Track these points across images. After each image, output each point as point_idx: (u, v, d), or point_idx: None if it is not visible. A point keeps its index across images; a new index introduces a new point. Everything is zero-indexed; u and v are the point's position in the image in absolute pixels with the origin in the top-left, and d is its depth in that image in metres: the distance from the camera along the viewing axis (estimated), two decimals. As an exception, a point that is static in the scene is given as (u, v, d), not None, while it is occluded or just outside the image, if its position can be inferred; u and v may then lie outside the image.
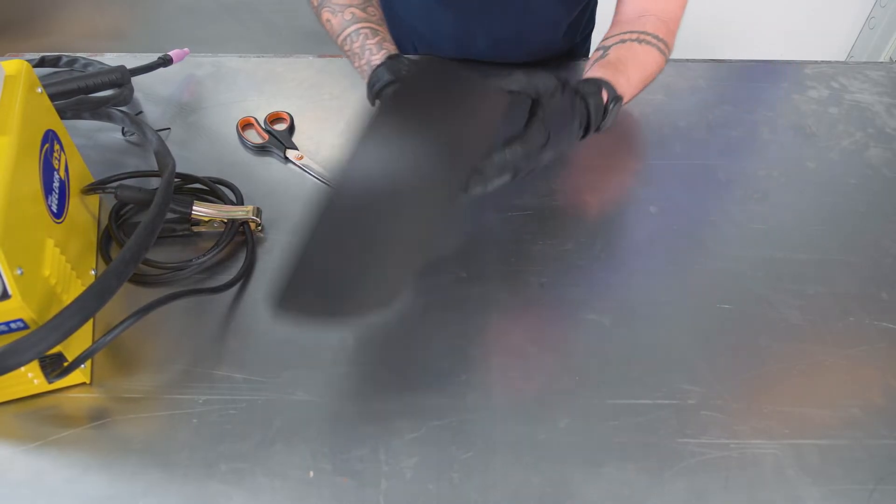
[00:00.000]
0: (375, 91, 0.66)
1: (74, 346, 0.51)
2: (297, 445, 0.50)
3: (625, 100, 0.65)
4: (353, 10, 0.71)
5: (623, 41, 0.69)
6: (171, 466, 0.48)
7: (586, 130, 0.61)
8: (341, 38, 0.71)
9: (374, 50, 0.68)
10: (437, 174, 0.47)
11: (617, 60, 0.66)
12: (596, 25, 0.96)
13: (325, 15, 0.72)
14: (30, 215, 0.49)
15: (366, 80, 0.68)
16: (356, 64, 0.70)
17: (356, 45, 0.69)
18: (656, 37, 0.69)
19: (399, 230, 0.48)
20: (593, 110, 0.60)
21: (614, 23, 0.74)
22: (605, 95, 0.62)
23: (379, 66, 0.66)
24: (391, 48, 0.69)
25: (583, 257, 0.64)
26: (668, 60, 0.71)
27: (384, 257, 0.48)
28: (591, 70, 0.66)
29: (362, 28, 0.70)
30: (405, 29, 0.91)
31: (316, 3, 0.74)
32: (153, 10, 1.70)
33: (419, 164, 0.44)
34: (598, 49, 0.71)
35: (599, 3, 0.93)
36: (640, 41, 0.68)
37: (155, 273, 0.60)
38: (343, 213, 0.43)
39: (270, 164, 0.73)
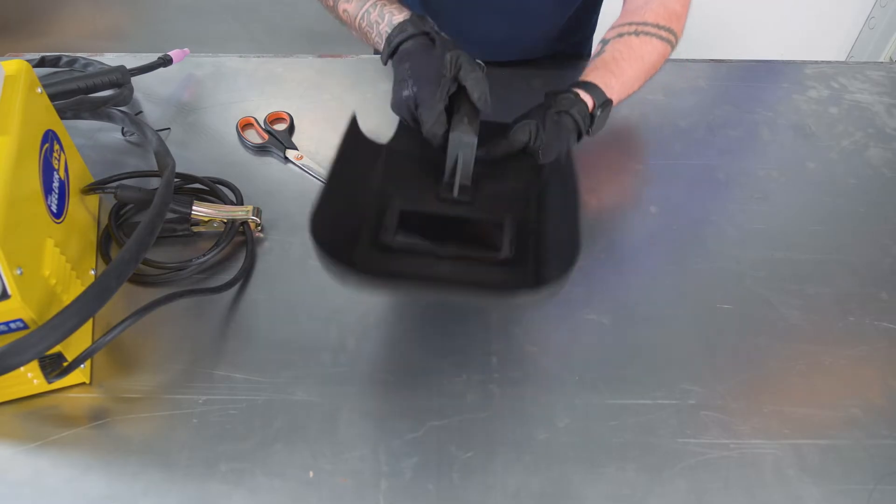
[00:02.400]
0: (395, 44, 0.63)
1: (74, 346, 0.51)
2: (297, 445, 0.50)
3: (618, 98, 0.66)
4: None
5: (621, 35, 0.69)
6: (171, 466, 0.48)
7: (578, 136, 0.64)
8: (358, 17, 0.69)
9: (394, 12, 0.66)
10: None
11: (611, 59, 0.67)
12: (598, 28, 0.96)
13: (342, 6, 0.70)
14: (30, 215, 0.49)
15: (383, 40, 0.66)
16: (373, 33, 0.67)
17: (373, 15, 0.67)
18: (657, 25, 0.68)
19: None
20: (580, 120, 0.63)
21: (622, 13, 0.73)
22: (590, 102, 0.63)
23: (403, 21, 0.65)
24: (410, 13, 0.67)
25: (583, 257, 0.64)
26: (675, 44, 0.71)
27: None
28: (586, 72, 0.67)
29: (378, 1, 0.68)
30: None
31: (331, 2, 0.72)
32: (153, 10, 1.70)
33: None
34: (599, 42, 0.72)
35: (604, 5, 0.92)
36: (637, 34, 0.68)
37: (155, 273, 0.60)
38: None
39: (270, 164, 0.73)
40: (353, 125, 0.56)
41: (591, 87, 0.64)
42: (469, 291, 0.53)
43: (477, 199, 0.59)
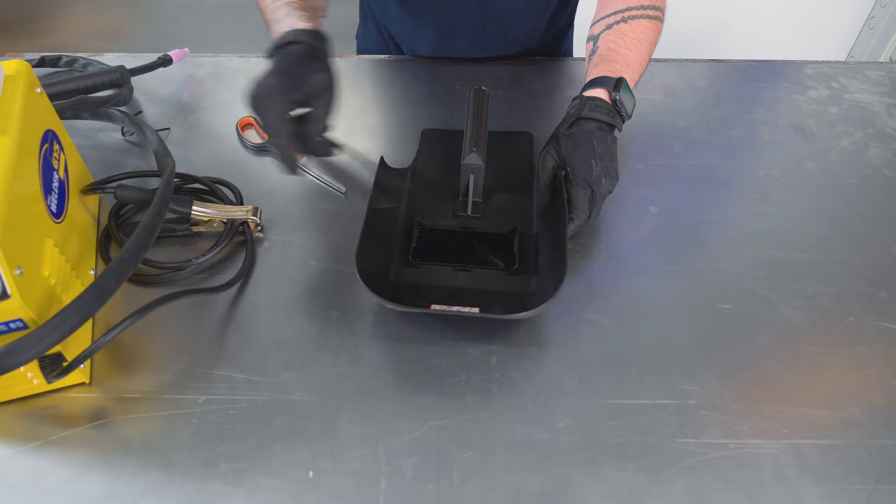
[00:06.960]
0: (278, 43, 0.61)
1: (74, 345, 0.51)
2: (297, 445, 0.50)
3: (630, 78, 0.66)
4: None
5: (609, 27, 0.69)
6: (171, 466, 0.48)
7: (613, 126, 0.65)
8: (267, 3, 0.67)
9: (302, 18, 0.63)
10: None
11: (607, 52, 0.67)
12: (575, 22, 0.96)
13: None
14: (29, 215, 0.49)
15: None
16: (271, 18, 0.65)
17: (282, 11, 0.65)
18: (641, 7, 0.68)
19: None
20: (598, 115, 0.63)
21: (600, 2, 0.72)
22: (602, 93, 0.64)
23: (303, 29, 0.62)
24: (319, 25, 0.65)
25: (583, 257, 0.64)
26: (664, 18, 0.71)
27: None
28: (587, 74, 0.68)
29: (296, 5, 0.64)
30: (385, 30, 0.91)
31: None
32: (153, 10, 1.70)
33: None
34: (588, 40, 0.71)
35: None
36: (625, 20, 0.68)
37: (155, 273, 0.60)
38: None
39: (270, 164, 0.73)
40: (382, 164, 0.68)
41: (596, 82, 0.65)
42: (483, 302, 0.57)
43: (487, 215, 0.67)
